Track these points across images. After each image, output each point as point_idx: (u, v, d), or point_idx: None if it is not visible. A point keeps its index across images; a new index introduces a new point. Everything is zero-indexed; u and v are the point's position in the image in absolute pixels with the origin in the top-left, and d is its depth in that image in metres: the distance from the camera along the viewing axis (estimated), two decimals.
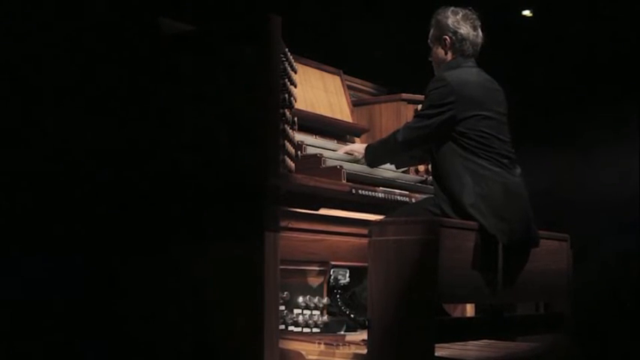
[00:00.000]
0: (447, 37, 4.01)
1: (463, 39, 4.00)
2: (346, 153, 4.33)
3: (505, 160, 3.84)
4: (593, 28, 6.32)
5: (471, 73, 3.95)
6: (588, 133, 6.42)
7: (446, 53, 4.03)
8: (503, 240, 3.68)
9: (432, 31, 4.09)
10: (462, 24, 4.01)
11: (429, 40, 4.11)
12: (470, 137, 3.79)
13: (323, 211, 4.10)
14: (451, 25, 4.01)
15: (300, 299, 4.34)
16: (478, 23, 4.05)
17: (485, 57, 4.11)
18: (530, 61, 6.52)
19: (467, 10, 4.05)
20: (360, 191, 3.95)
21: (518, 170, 3.92)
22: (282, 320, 4.16)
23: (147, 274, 3.84)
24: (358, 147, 4.34)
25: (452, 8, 4.06)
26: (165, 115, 3.87)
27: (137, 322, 3.85)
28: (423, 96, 3.99)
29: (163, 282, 3.79)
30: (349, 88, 5.33)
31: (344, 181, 3.93)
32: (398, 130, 4.00)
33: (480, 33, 4.04)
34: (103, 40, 4.05)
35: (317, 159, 4.02)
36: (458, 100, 3.81)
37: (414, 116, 4.06)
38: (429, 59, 4.13)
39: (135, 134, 3.94)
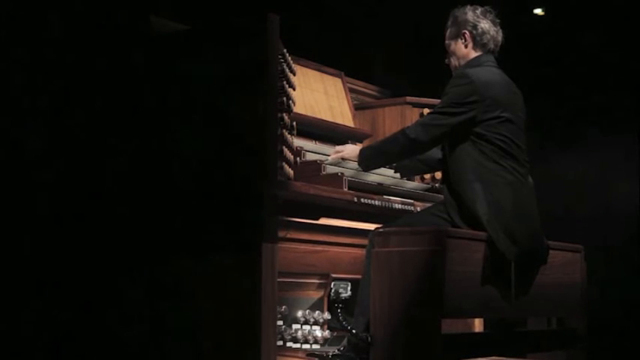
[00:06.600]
0: (466, 31, 3.99)
1: (484, 32, 3.99)
2: (334, 157, 4.20)
3: (521, 169, 3.83)
4: (604, 28, 6.34)
5: (493, 73, 3.93)
6: (599, 136, 6.42)
7: (466, 47, 4.01)
8: (511, 258, 3.68)
9: (449, 29, 4.08)
10: (481, 18, 4.01)
11: (445, 40, 4.09)
12: (488, 140, 3.77)
13: (323, 221, 4.09)
14: (471, 20, 4.00)
15: (299, 314, 4.33)
16: (498, 20, 4.05)
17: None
18: (541, 60, 6.53)
19: (486, 7, 4.06)
20: (362, 200, 3.94)
21: (531, 180, 3.91)
22: (280, 336, 4.15)
23: (139, 285, 3.83)
24: (350, 150, 4.22)
25: (470, 5, 4.07)
26: (157, 120, 3.87)
27: (131, 333, 3.84)
28: (429, 99, 3.97)
29: (157, 294, 3.79)
30: (351, 91, 5.33)
31: (346, 189, 3.92)
32: (407, 128, 3.93)
33: (500, 30, 4.04)
34: (92, 39, 4.04)
35: (317, 166, 4.01)
36: (481, 100, 3.78)
37: (430, 112, 3.98)
38: (446, 62, 4.11)
39: (125, 138, 3.93)
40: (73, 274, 3.89)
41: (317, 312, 4.36)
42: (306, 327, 4.31)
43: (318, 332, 4.30)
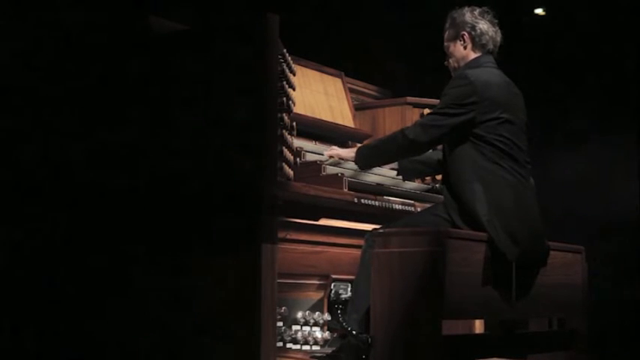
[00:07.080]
0: (465, 32, 3.98)
1: (482, 33, 3.97)
2: (330, 154, 4.19)
3: (522, 170, 3.82)
4: (604, 28, 6.33)
5: (493, 74, 3.91)
6: (599, 136, 6.42)
7: (465, 48, 4.00)
8: (512, 259, 3.67)
9: (447, 31, 4.06)
10: (480, 19, 3.99)
11: (444, 42, 4.08)
12: (488, 141, 3.76)
13: (323, 222, 4.08)
14: (469, 21, 3.99)
15: (299, 315, 4.33)
16: (496, 21, 4.04)
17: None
18: (541, 60, 6.53)
19: (484, 7, 4.05)
20: (362, 200, 3.93)
21: (532, 181, 3.90)
22: (279, 337, 4.14)
23: (138, 285, 3.82)
24: (348, 149, 4.21)
25: (467, 6, 4.05)
26: (156, 120, 3.86)
27: (130, 333, 3.83)
28: (430, 99, 3.96)
29: (156, 294, 3.78)
30: (351, 91, 5.32)
31: (346, 190, 3.91)
32: (407, 128, 3.92)
33: (499, 31, 4.03)
34: (91, 39, 4.04)
35: (317, 166, 4.00)
36: (480, 101, 3.77)
37: (430, 113, 3.97)
38: (445, 64, 4.10)
39: (124, 139, 3.92)
40: (71, 274, 3.89)
41: (317, 313, 4.35)
42: (306, 328, 4.31)
43: (318, 333, 4.29)
